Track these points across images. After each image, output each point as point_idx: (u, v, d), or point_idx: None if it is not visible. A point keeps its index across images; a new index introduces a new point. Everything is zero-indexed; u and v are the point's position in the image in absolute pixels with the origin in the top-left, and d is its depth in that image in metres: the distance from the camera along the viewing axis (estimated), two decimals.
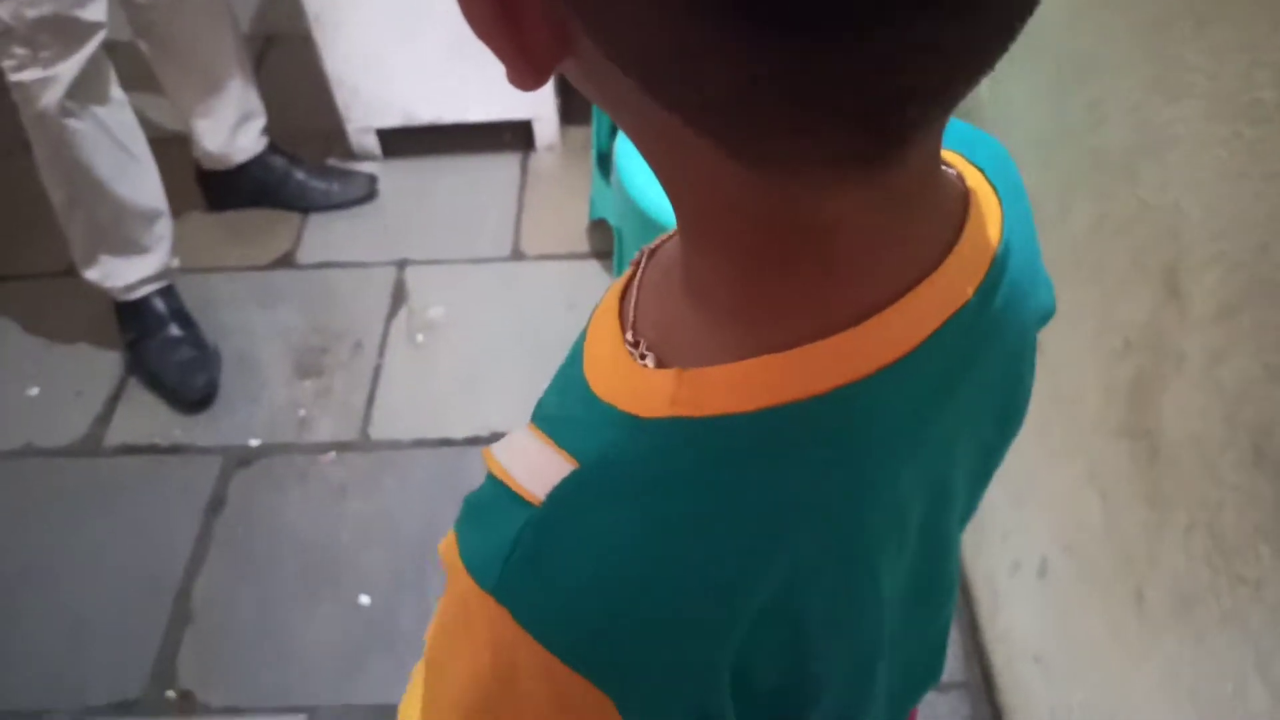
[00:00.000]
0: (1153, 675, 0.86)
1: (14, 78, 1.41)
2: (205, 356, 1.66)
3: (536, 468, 0.34)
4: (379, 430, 1.59)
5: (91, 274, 1.61)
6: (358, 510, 1.50)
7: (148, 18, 1.65)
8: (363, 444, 1.58)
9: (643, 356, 0.35)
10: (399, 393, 1.64)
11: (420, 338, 1.72)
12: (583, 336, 0.40)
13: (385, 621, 1.36)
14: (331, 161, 2.03)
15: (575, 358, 0.39)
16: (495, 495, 0.35)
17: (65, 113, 1.44)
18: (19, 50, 1.38)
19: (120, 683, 1.32)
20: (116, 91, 1.51)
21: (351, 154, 2.05)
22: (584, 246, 1.85)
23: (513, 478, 0.34)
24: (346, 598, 1.39)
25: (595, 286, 1.78)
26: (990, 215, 0.38)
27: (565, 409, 0.37)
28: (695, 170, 0.30)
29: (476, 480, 0.37)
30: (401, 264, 1.85)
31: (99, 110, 1.48)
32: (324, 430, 1.60)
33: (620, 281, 0.40)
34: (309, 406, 1.63)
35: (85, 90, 1.45)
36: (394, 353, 1.70)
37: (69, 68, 1.41)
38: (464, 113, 1.99)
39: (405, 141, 2.03)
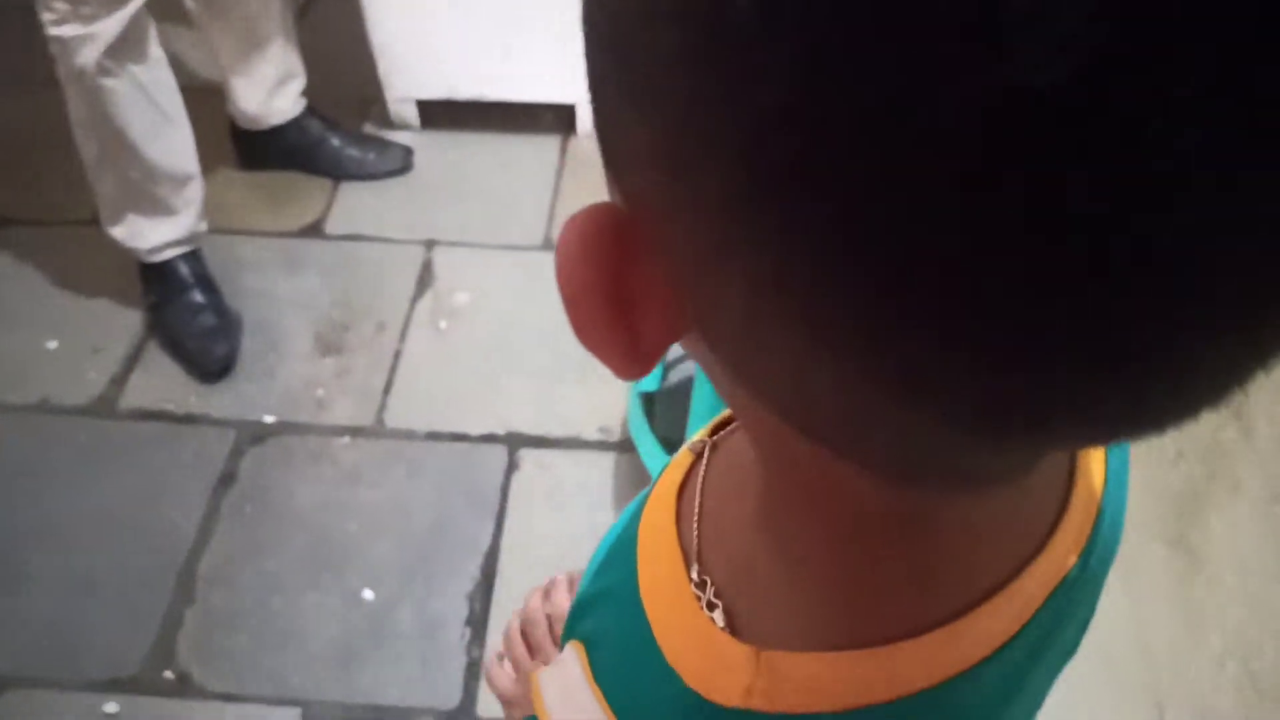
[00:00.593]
0: None
1: (53, 32, 1.37)
2: (227, 325, 1.64)
3: None
4: (395, 418, 1.57)
5: (117, 232, 1.59)
6: (368, 499, 1.48)
7: None
8: (377, 430, 1.56)
9: (711, 606, 0.31)
10: (418, 380, 1.62)
11: (444, 324, 1.69)
12: (633, 524, 0.36)
13: (386, 619, 1.36)
14: (368, 128, 1.99)
15: (627, 558, 0.35)
16: None
17: (103, 71, 1.40)
18: (60, 5, 1.34)
19: (118, 657, 1.32)
20: (156, 50, 1.47)
21: (389, 122, 2.00)
22: None
23: None
24: (350, 590, 1.38)
25: None
26: (1095, 453, 0.35)
27: (625, 661, 0.33)
28: (802, 457, 0.27)
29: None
30: (430, 244, 1.81)
31: (137, 69, 1.44)
32: (340, 413, 1.58)
33: (679, 469, 0.36)
34: (327, 386, 1.61)
35: (125, 49, 1.41)
36: (416, 337, 1.68)
37: (110, 25, 1.37)
38: (508, 90, 1.94)
39: (444, 114, 1.98)
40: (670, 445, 1.34)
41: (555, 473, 1.51)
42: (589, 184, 1.91)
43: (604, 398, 1.58)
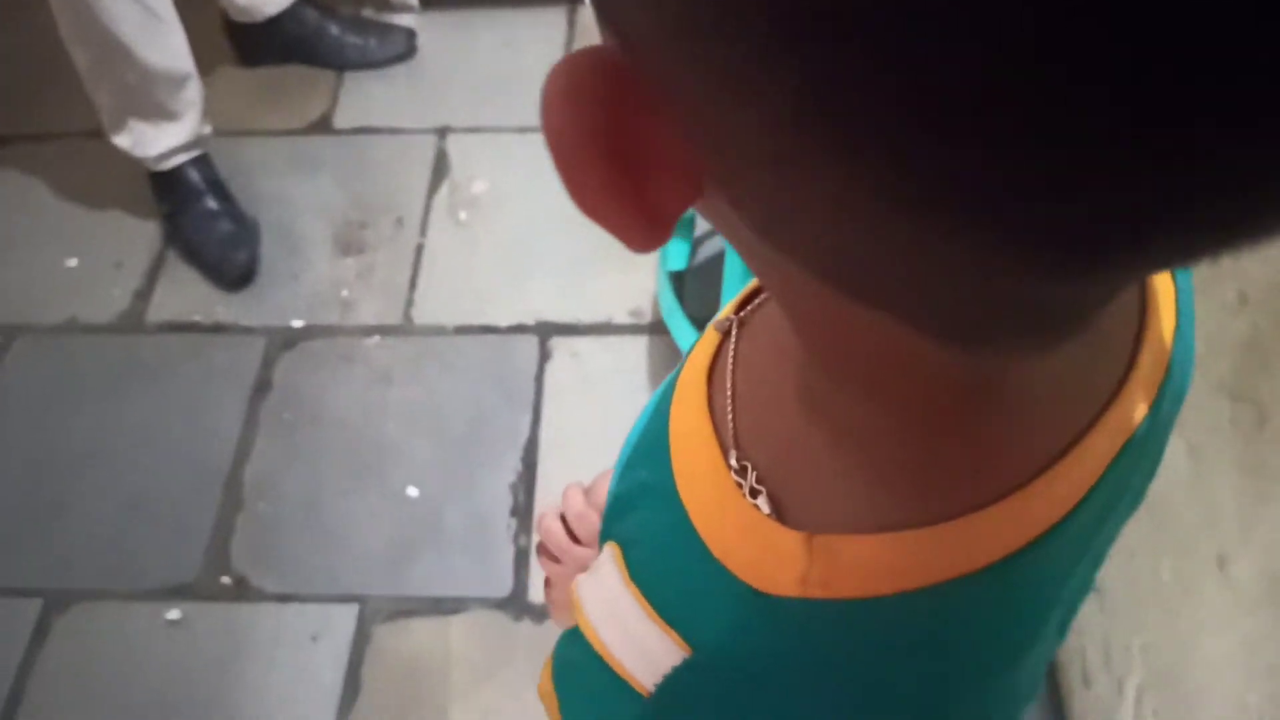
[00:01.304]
0: (1228, 644, 0.83)
1: None
2: (245, 231, 1.61)
3: (643, 652, 0.29)
4: (422, 314, 1.55)
5: (121, 140, 1.55)
6: (402, 398, 1.48)
7: None
8: (406, 328, 1.54)
9: (754, 493, 0.29)
10: (442, 274, 1.59)
11: (463, 215, 1.65)
12: (661, 413, 0.34)
13: (432, 516, 1.37)
14: (366, 13, 1.90)
15: (659, 449, 0.32)
16: (598, 673, 0.30)
17: None
18: None
19: (174, 566, 1.35)
20: None
21: (387, 4, 1.91)
22: None
23: (616, 659, 0.29)
24: (394, 489, 1.39)
25: None
26: (1165, 297, 0.32)
27: (666, 558, 0.31)
28: (848, 326, 0.24)
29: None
30: (443, 132, 1.75)
31: None
32: (367, 313, 1.56)
33: (706, 350, 0.33)
34: (351, 286, 1.59)
35: None
36: (436, 231, 1.64)
37: None
38: None
39: None
40: (702, 324, 1.31)
41: (588, 359, 1.49)
42: None
43: (633, 280, 1.54)
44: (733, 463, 0.30)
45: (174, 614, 1.31)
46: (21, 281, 1.63)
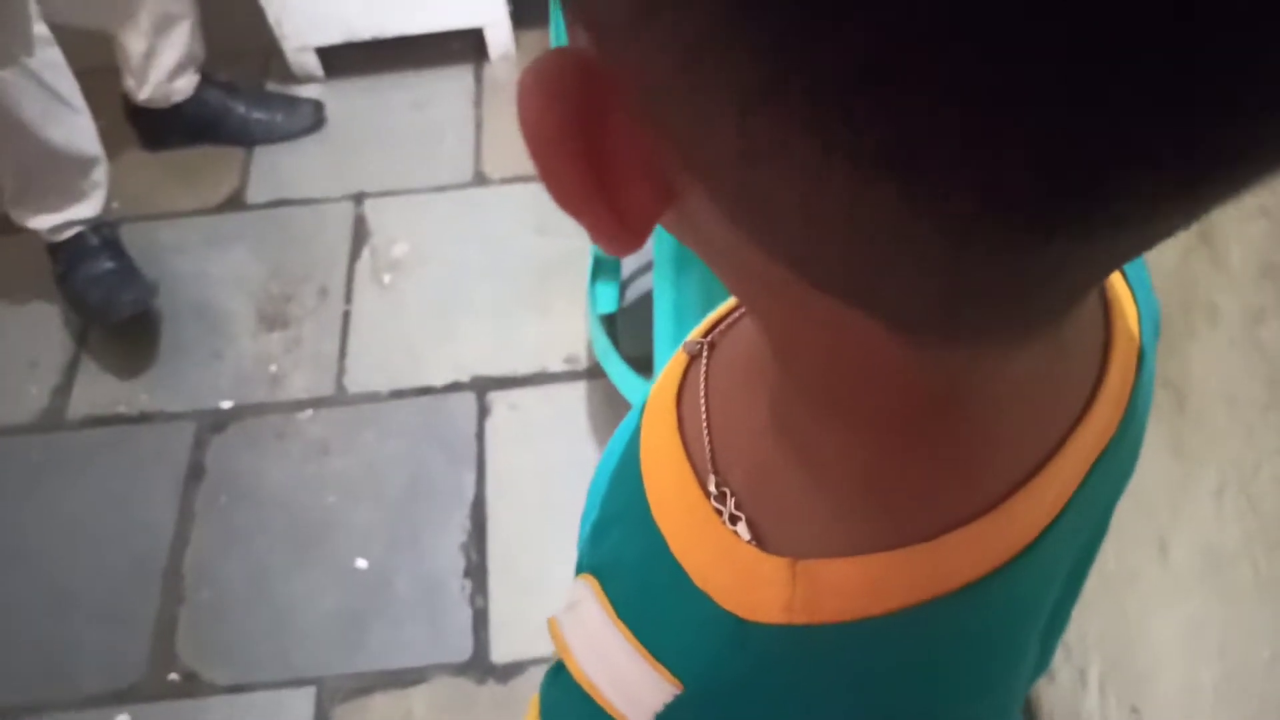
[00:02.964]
0: (1175, 626, 0.85)
1: None
2: (134, 276, 1.56)
3: (632, 690, 0.28)
4: (355, 382, 1.53)
5: (20, 214, 1.51)
6: (341, 468, 1.45)
7: None
8: (340, 398, 1.52)
9: (733, 519, 0.28)
10: (371, 339, 1.58)
11: (387, 278, 1.64)
12: (634, 441, 0.33)
13: (383, 586, 1.34)
14: (271, 86, 1.90)
15: (630, 477, 0.32)
16: (587, 714, 0.29)
17: None
18: None
19: (118, 668, 1.30)
20: (39, 28, 1.37)
21: (292, 76, 1.91)
22: None
23: (605, 698, 0.29)
24: (342, 562, 1.36)
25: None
26: (1124, 297, 0.32)
27: (648, 589, 0.30)
28: (820, 331, 0.24)
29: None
30: (358, 197, 1.74)
31: (20, 53, 1.35)
32: (298, 386, 1.53)
33: (674, 375, 0.33)
34: (279, 361, 1.56)
35: (2, 35, 1.31)
36: (361, 296, 1.62)
37: None
38: (407, 23, 1.84)
39: (348, 59, 1.89)
40: (638, 364, 1.31)
41: (528, 410, 1.48)
42: (510, 109, 1.83)
43: (563, 326, 1.55)
44: (711, 488, 0.29)
45: (123, 718, 1.26)
46: None
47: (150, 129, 1.80)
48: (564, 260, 1.61)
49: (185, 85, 1.73)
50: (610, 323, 1.42)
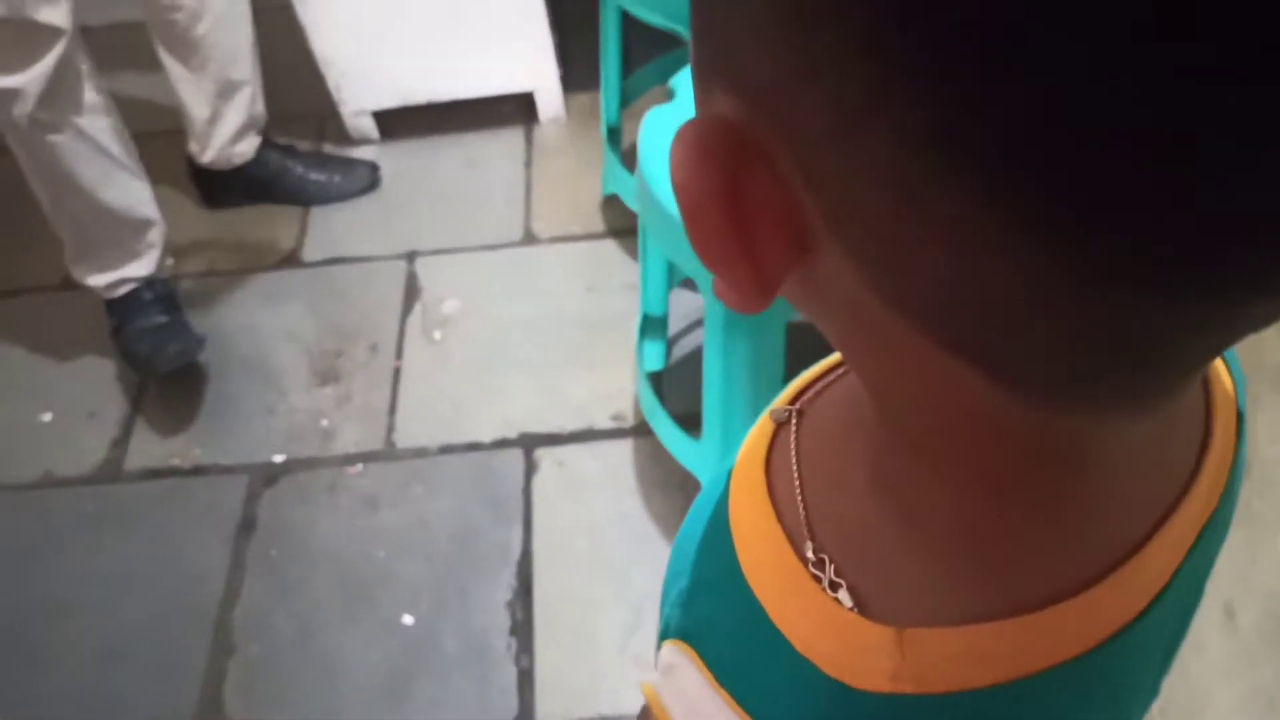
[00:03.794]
0: (1241, 694, 0.83)
1: None
2: (183, 329, 1.59)
3: None
4: (404, 438, 1.55)
5: (79, 272, 1.56)
6: (390, 523, 1.46)
7: (168, 17, 1.56)
8: (389, 453, 1.53)
9: (834, 586, 0.28)
10: (421, 395, 1.60)
11: (437, 335, 1.67)
12: (719, 508, 0.33)
13: (429, 642, 1.34)
14: (328, 148, 1.95)
15: (720, 544, 0.32)
16: None
17: (38, 125, 1.37)
18: None
19: (167, 718, 1.30)
20: (93, 96, 1.42)
21: (348, 138, 1.96)
22: (599, 225, 1.78)
23: None
24: (388, 617, 1.37)
25: (613, 267, 1.72)
26: (1218, 362, 0.32)
27: (747, 655, 0.30)
28: (937, 390, 0.24)
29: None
30: (410, 256, 1.78)
31: (76, 119, 1.40)
32: (348, 440, 1.55)
33: (761, 442, 0.33)
34: (330, 416, 1.58)
35: (56, 100, 1.37)
36: (412, 353, 1.65)
37: (32, 79, 1.33)
38: (460, 88, 1.90)
39: (403, 121, 1.95)
40: (685, 421, 1.32)
41: (575, 467, 1.49)
42: (558, 171, 1.88)
43: (610, 384, 1.56)
44: (809, 554, 0.29)
45: None
46: None
47: (212, 188, 1.86)
48: (611, 318, 1.63)
49: (247, 148, 1.79)
50: (657, 380, 1.43)
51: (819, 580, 0.29)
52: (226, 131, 1.75)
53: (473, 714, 1.28)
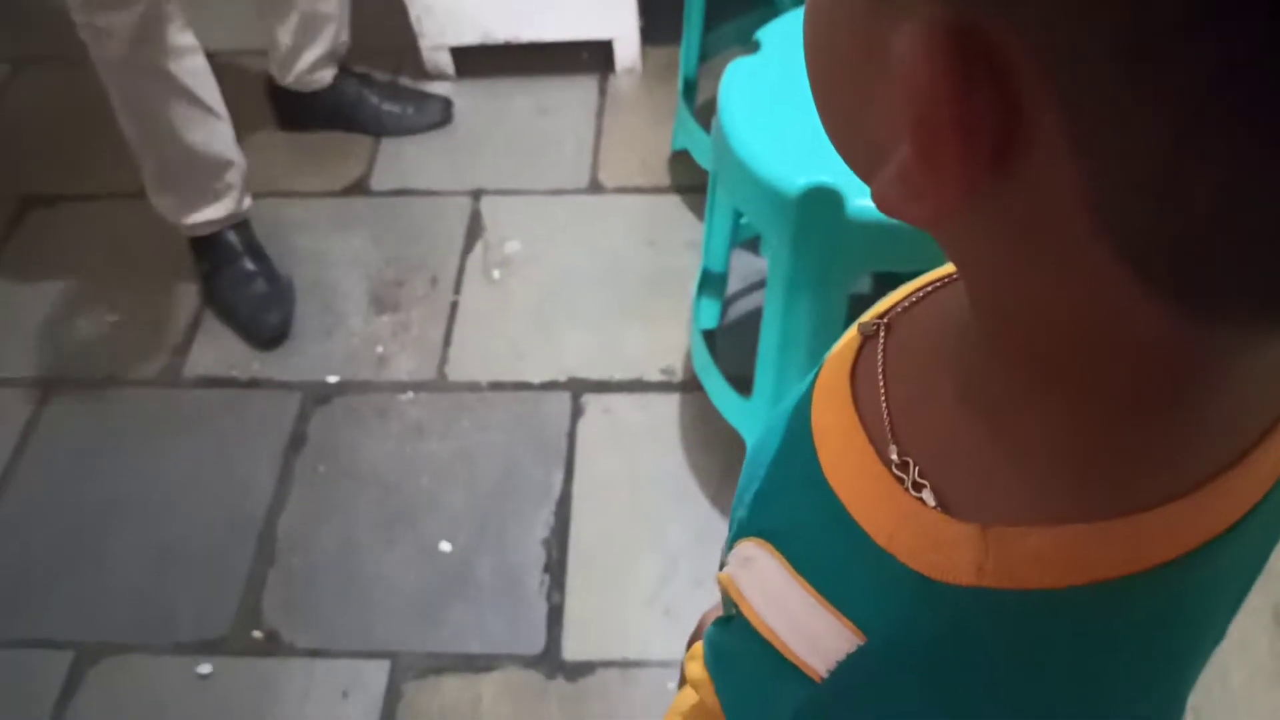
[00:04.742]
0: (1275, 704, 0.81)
1: (77, 19, 1.36)
2: (278, 292, 1.64)
3: (814, 636, 0.29)
4: (456, 370, 1.57)
5: (161, 206, 1.59)
6: (436, 452, 1.49)
7: None
8: (440, 384, 1.56)
9: (917, 487, 0.29)
10: (475, 331, 1.61)
11: (497, 274, 1.68)
12: (797, 418, 0.34)
13: (465, 571, 1.36)
14: (403, 81, 1.96)
15: (800, 449, 0.33)
16: (763, 659, 0.30)
17: (127, 64, 1.40)
18: None
19: (207, 620, 1.35)
20: (182, 38, 1.43)
21: (424, 72, 1.97)
22: (665, 180, 1.78)
23: (784, 643, 0.30)
24: (427, 543, 1.39)
25: (676, 223, 1.71)
26: None
27: (828, 550, 0.31)
28: (1094, 302, 0.22)
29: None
30: (476, 194, 1.79)
31: (164, 60, 1.42)
32: (401, 368, 1.58)
33: (847, 354, 0.34)
34: (386, 343, 1.61)
35: (147, 41, 1.39)
36: (470, 289, 1.66)
37: (123, 20, 1.35)
38: (541, 30, 1.90)
39: (479, 60, 1.95)
40: (736, 382, 1.32)
41: (621, 416, 1.50)
42: (629, 123, 1.88)
43: (664, 338, 1.56)
44: (894, 457, 0.30)
45: (205, 668, 1.31)
46: (62, 336, 1.66)
47: (288, 110, 1.88)
48: (670, 273, 1.63)
49: (326, 75, 1.81)
50: (710, 338, 1.44)
51: (902, 482, 0.29)
52: (309, 60, 1.77)
53: (501, 645, 1.30)
